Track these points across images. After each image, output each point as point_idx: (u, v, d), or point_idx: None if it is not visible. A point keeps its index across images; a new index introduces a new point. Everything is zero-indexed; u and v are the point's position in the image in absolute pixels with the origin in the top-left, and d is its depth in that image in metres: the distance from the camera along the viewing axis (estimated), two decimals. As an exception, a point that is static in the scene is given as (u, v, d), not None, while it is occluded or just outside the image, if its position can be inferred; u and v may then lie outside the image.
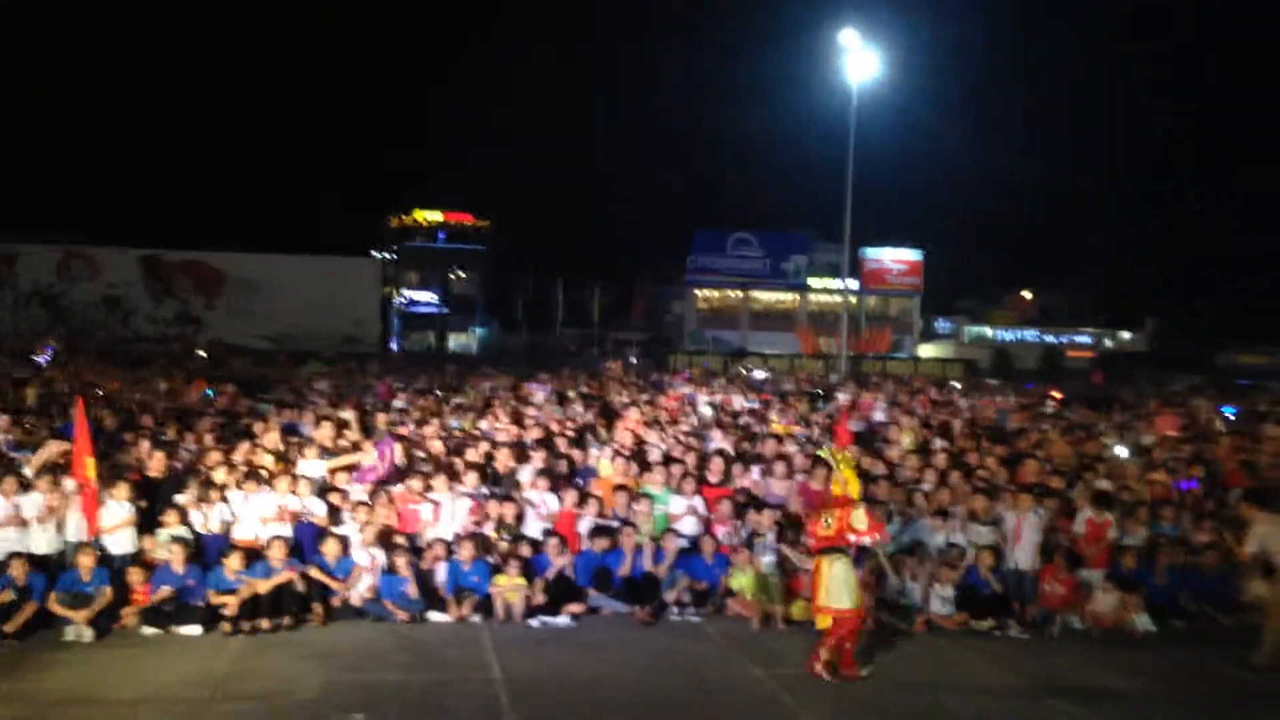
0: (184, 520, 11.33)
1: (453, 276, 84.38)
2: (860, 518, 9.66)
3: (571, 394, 20.98)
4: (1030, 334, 77.41)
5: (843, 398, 24.10)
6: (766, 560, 11.57)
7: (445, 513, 12.07)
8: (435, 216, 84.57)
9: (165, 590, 10.54)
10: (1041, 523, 12.07)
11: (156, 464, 12.20)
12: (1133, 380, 47.63)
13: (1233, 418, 22.80)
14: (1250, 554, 10.77)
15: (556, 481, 12.78)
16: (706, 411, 19.67)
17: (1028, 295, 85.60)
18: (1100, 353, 73.15)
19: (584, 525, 12.18)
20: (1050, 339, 76.19)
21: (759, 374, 27.88)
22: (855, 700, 9.04)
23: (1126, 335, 78.85)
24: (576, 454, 14.12)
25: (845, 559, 9.60)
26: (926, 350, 73.99)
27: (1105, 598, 11.87)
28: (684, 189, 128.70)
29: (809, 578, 11.05)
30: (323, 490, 12.25)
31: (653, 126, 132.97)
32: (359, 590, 11.13)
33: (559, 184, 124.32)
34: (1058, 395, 30.19)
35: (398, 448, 13.26)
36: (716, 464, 13.50)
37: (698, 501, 12.66)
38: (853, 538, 9.61)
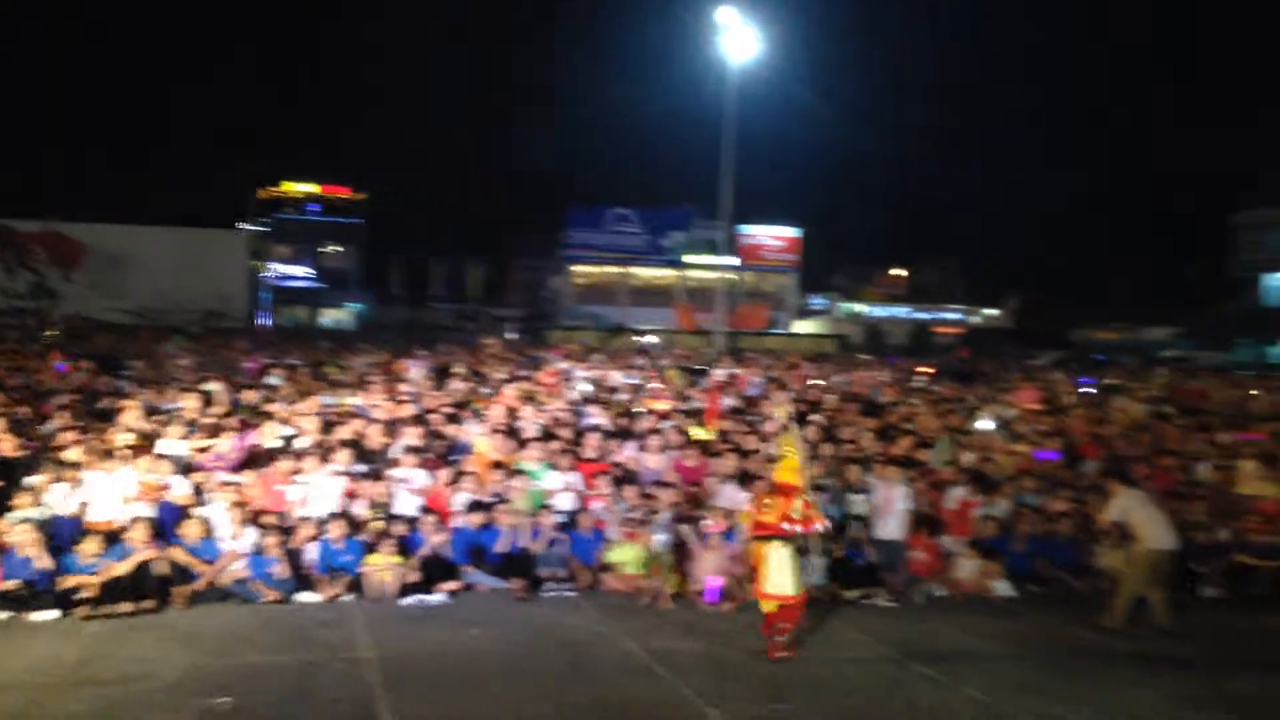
0: (38, 502, 10.86)
1: (326, 250, 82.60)
2: (799, 508, 9.66)
3: (458, 368, 20.71)
4: (901, 310, 79.32)
5: (719, 373, 24.35)
6: (660, 538, 11.59)
7: (316, 491, 11.81)
8: (307, 188, 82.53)
9: (12, 583, 10.08)
10: (911, 494, 12.40)
11: (9, 444, 11.65)
12: (997, 355, 49.25)
13: (1087, 391, 23.73)
14: (1109, 522, 11.27)
15: (431, 458, 12.63)
16: (585, 387, 19.65)
17: (899, 273, 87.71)
18: (967, 329, 75.36)
19: (459, 502, 12.06)
20: (920, 315, 78.19)
21: (651, 340, 27.99)
22: (728, 671, 9.16)
23: (991, 312, 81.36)
24: (452, 430, 13.96)
25: (785, 544, 9.58)
26: (802, 326, 75.25)
27: (967, 565, 12.28)
28: (563, 164, 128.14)
29: (709, 556, 11.21)
30: (186, 469, 11.86)
31: (532, 101, 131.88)
32: (226, 571, 10.83)
33: (438, 158, 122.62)
34: (927, 370, 31.05)
35: (268, 428, 12.94)
36: (592, 439, 13.51)
37: (574, 477, 12.65)
38: (786, 526, 9.57)
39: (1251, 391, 24.86)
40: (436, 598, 11.05)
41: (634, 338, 41.04)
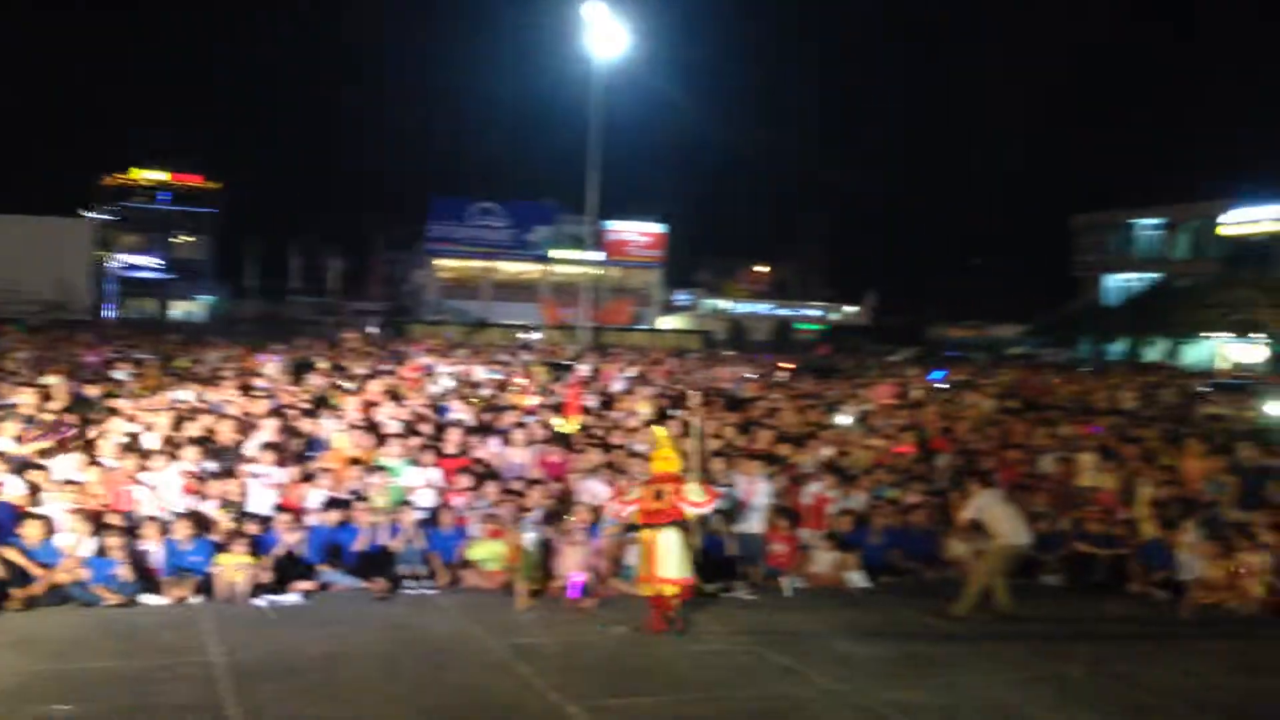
0: None
1: (177, 240, 79.75)
2: (696, 489, 10.31)
3: (320, 363, 20.21)
4: (764, 307, 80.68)
5: (583, 369, 24.36)
6: (530, 536, 11.46)
7: (163, 490, 11.36)
8: (156, 176, 79.52)
9: None
10: (771, 488, 12.59)
11: None
12: (855, 352, 50.56)
13: (940, 386, 24.52)
14: (967, 520, 11.69)
15: (285, 455, 12.28)
16: (447, 382, 19.41)
17: (762, 270, 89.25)
18: (827, 325, 77.14)
19: (315, 499, 11.76)
20: (782, 312, 79.67)
21: (535, 335, 27.70)
22: (589, 667, 9.16)
23: (850, 309, 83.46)
24: (309, 426, 13.61)
25: (675, 530, 10.09)
26: (666, 322, 75.89)
27: (824, 557, 12.54)
28: (425, 155, 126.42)
29: (572, 552, 11.18)
30: (22, 468, 11.27)
31: (394, 89, 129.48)
32: (66, 574, 10.33)
33: (295, 147, 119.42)
34: (788, 365, 31.65)
35: (113, 424, 12.41)
36: (453, 434, 13.34)
37: (435, 473, 12.47)
38: (690, 509, 10.22)
39: (1092, 386, 26.05)
40: (290, 598, 10.76)
41: (519, 335, 40.57)
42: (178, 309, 76.24)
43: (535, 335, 36.16)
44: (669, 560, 9.99)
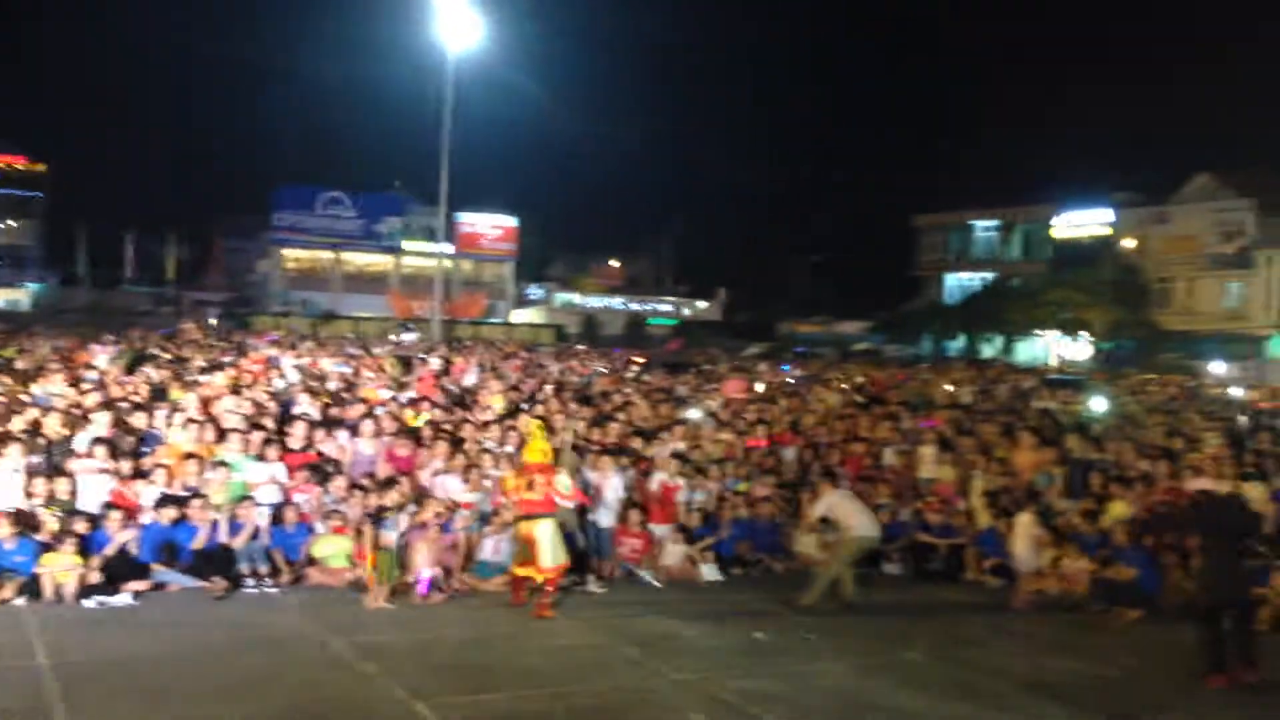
0: None
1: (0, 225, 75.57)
2: (564, 482, 10.73)
3: (158, 353, 19.39)
4: (617, 301, 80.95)
5: (434, 362, 24.00)
6: (391, 535, 11.17)
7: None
8: (-25, 157, 75.25)
9: None
10: (622, 482, 12.64)
11: None
12: (706, 347, 51.22)
13: (790, 380, 25.03)
14: (816, 517, 12.06)
15: (117, 450, 11.73)
16: (293, 375, 18.85)
17: (615, 264, 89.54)
18: (679, 320, 77.87)
19: (149, 497, 11.27)
20: (635, 306, 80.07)
21: (408, 335, 26.97)
22: (438, 664, 9.02)
23: (702, 304, 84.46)
24: (143, 421, 13.03)
25: (551, 521, 10.51)
26: (519, 316, 75.46)
27: (674, 550, 12.65)
28: (272, 142, 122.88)
29: (423, 548, 10.99)
30: None
31: (239, 72, 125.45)
32: None
33: (131, 130, 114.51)
34: (640, 360, 31.84)
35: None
36: (298, 429, 12.96)
37: (279, 468, 12.10)
38: (560, 500, 10.63)
39: (932, 381, 26.97)
40: (121, 599, 10.28)
41: (402, 332, 39.35)
42: (0, 297, 72.25)
43: (409, 335, 35.09)
44: (543, 549, 10.39)
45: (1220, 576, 9.38)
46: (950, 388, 24.94)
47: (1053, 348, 63.63)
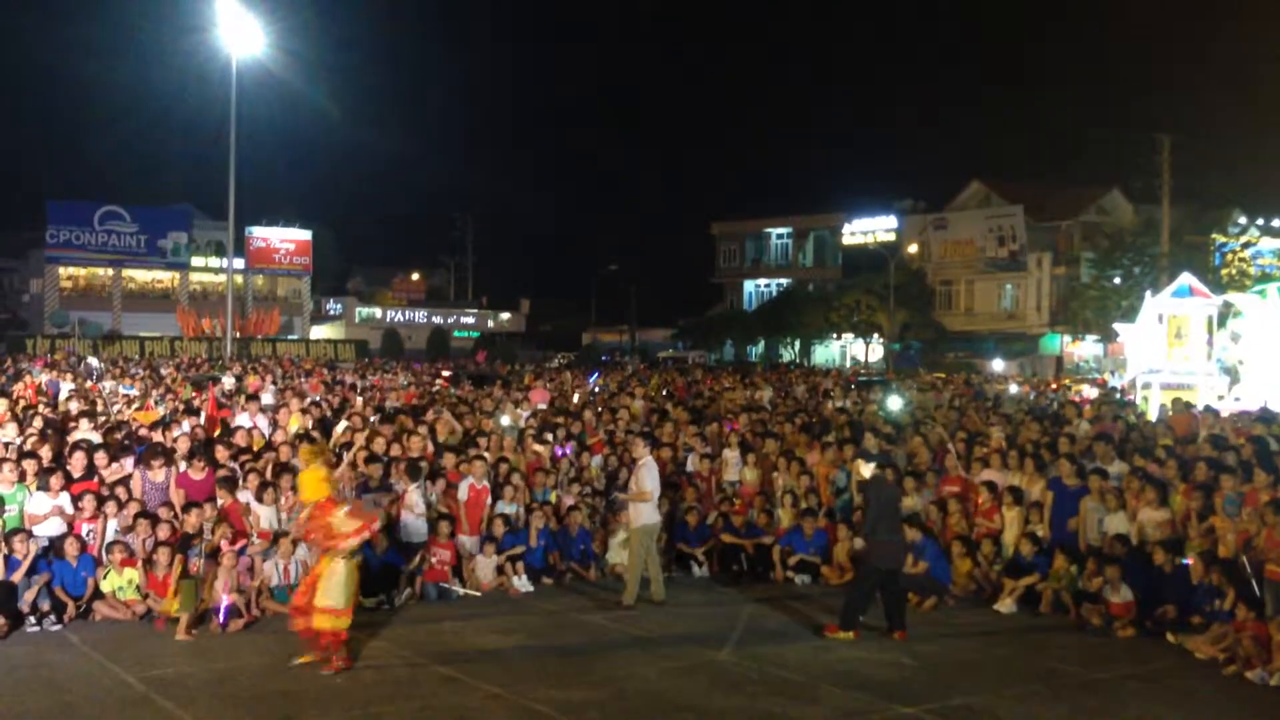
0: None
1: None
2: (343, 520, 9.34)
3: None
4: (419, 315, 79.70)
5: (228, 381, 23.08)
6: (194, 563, 10.70)
7: None
8: None
9: None
10: (425, 495, 12.42)
11: None
12: (511, 358, 51.06)
13: (595, 389, 25.18)
14: (648, 488, 11.93)
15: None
16: (72, 404, 17.76)
17: (415, 277, 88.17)
18: (483, 332, 77.32)
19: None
20: (437, 320, 79.03)
21: (94, 362, 25.53)
22: (236, 694, 8.66)
23: (505, 316, 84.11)
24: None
25: (344, 558, 9.27)
26: (318, 331, 73.36)
27: (485, 562, 12.53)
28: (43, 154, 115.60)
29: (220, 574, 10.51)
30: None
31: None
32: None
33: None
34: (445, 373, 31.49)
35: None
36: (79, 457, 12.19)
37: (64, 499, 11.36)
38: (343, 544, 9.26)
39: (733, 385, 27.64)
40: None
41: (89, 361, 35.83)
42: None
43: (93, 361, 32.12)
44: (332, 589, 9.18)
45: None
46: (751, 392, 25.62)
47: (848, 350, 66.39)
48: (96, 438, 13.66)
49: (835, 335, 64.77)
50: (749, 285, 77.63)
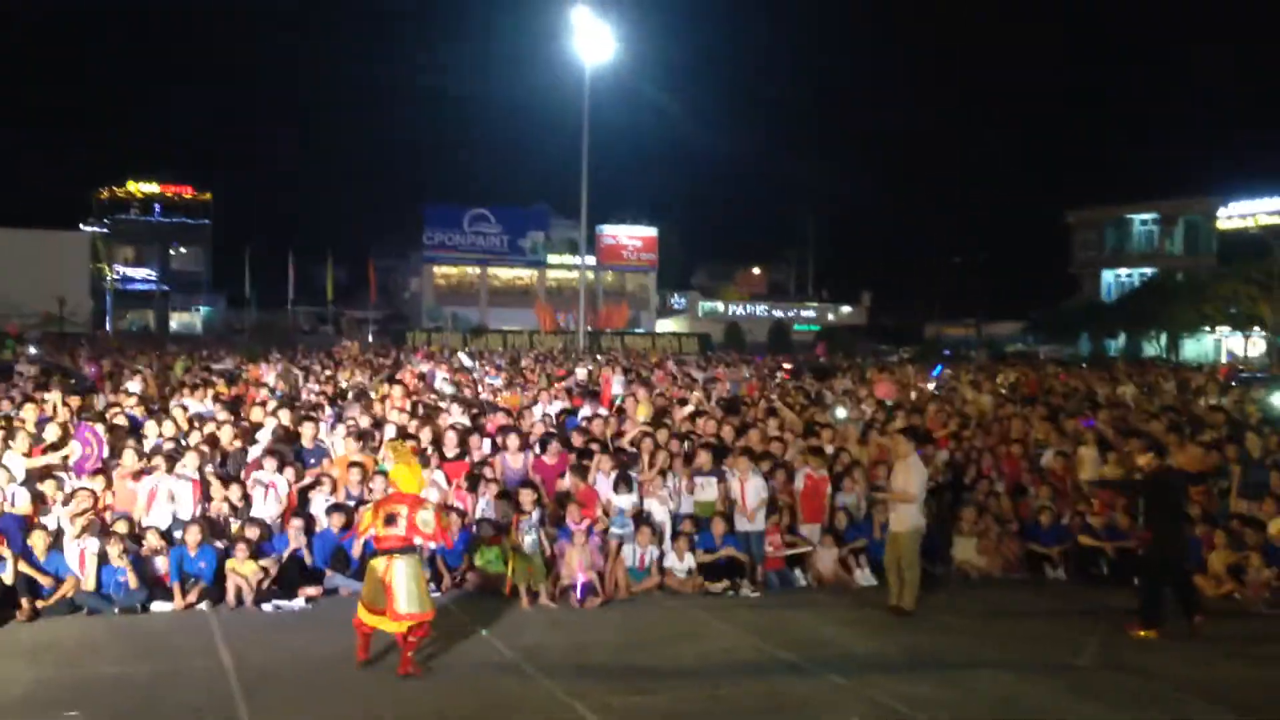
0: None
1: (171, 252, 79.69)
2: (427, 519, 8.89)
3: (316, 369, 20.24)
4: (760, 309, 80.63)
5: (580, 373, 24.40)
6: (530, 539, 11.33)
7: (163, 496, 11.33)
8: (148, 188, 79.48)
9: None
10: (764, 485, 12.46)
11: None
12: (852, 352, 50.56)
13: (935, 383, 24.52)
14: (909, 488, 11.19)
15: (287, 461, 12.29)
16: (445, 388, 19.43)
17: (757, 271, 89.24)
18: (824, 326, 77.12)
19: (319, 505, 11.77)
20: (778, 313, 79.62)
21: (466, 360, 27.53)
22: (591, 663, 9.15)
23: (846, 309, 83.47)
24: (309, 431, 13.57)
25: (412, 558, 8.80)
26: (663, 325, 75.86)
27: (825, 554, 12.49)
28: (419, 163, 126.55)
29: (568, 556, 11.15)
30: (30, 478, 11.28)
31: (386, 98, 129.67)
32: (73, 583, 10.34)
33: (288, 156, 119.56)
34: (787, 366, 31.67)
35: (100, 430, 12.42)
36: (451, 438, 13.26)
37: (439, 476, 12.43)
38: (419, 540, 8.94)
39: (1090, 382, 26.06)
40: (296, 603, 10.77)
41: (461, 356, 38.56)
42: (176, 320, 76.30)
43: (465, 359, 33.76)
44: (402, 593, 8.60)
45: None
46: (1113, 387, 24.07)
47: (1223, 345, 60.67)
48: (466, 421, 14.84)
49: (1209, 328, 59.36)
50: (1108, 275, 72.84)
